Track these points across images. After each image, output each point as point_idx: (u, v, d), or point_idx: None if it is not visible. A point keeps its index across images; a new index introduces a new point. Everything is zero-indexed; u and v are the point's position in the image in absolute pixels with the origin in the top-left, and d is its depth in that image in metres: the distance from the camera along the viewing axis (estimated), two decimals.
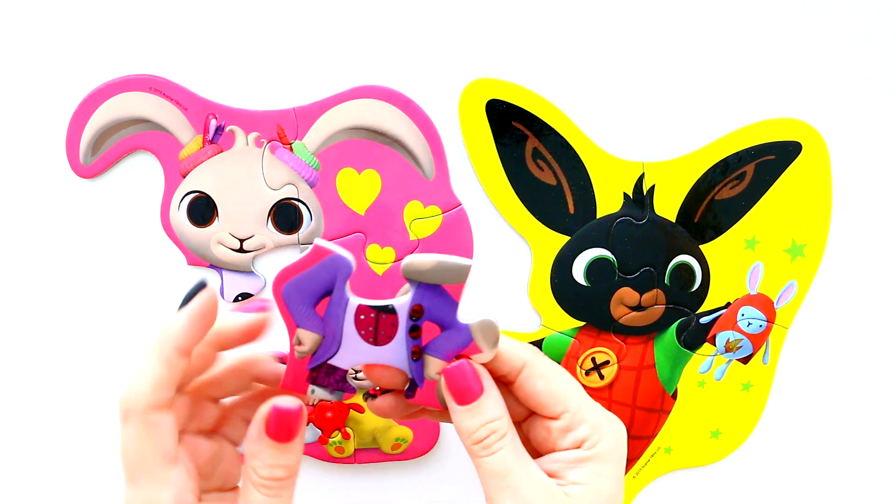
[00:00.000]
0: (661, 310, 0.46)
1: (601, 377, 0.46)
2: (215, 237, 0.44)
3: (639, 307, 0.45)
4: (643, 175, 0.44)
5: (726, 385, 0.47)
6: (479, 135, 0.44)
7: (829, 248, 0.46)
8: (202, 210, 0.44)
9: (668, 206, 0.44)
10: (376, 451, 0.47)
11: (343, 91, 0.43)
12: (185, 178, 0.43)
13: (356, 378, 0.44)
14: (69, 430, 0.47)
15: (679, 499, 0.49)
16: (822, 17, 0.43)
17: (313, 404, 0.45)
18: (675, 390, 0.47)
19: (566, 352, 0.46)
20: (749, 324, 0.46)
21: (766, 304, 0.46)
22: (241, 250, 0.44)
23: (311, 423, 0.45)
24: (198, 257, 0.44)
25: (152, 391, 0.29)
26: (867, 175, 0.45)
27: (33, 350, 0.46)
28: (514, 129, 0.43)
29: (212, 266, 0.44)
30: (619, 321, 0.46)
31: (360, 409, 0.46)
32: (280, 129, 0.43)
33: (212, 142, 0.43)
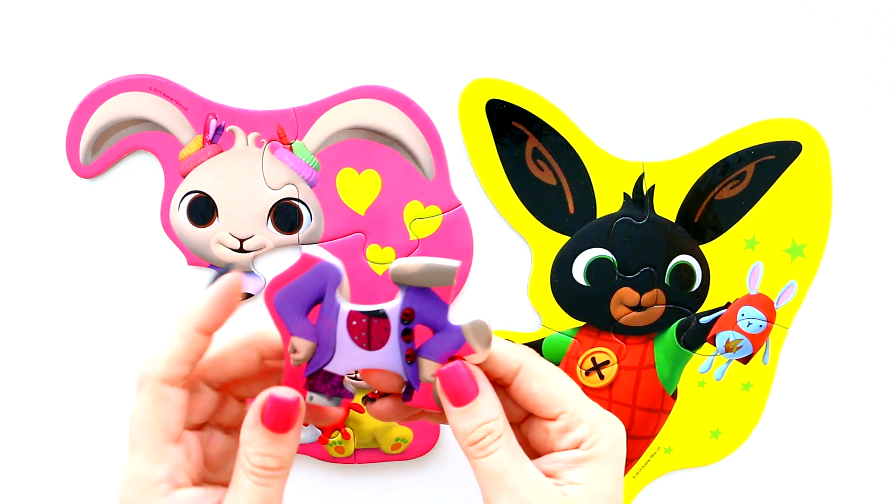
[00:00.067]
0: (661, 310, 0.46)
1: (601, 377, 0.46)
2: (215, 237, 0.44)
3: (639, 307, 0.45)
4: (643, 175, 0.44)
5: (726, 385, 0.47)
6: (479, 135, 0.44)
7: (829, 248, 0.46)
8: (202, 210, 0.44)
9: (668, 206, 0.44)
10: (376, 451, 0.47)
11: (343, 91, 0.43)
12: (185, 178, 0.43)
13: (355, 378, 0.45)
14: (69, 429, 0.47)
15: (679, 499, 0.49)
16: (822, 17, 0.43)
17: None
18: (675, 390, 0.47)
19: (566, 352, 0.46)
20: (749, 324, 0.46)
21: (766, 304, 0.46)
22: (241, 250, 0.44)
23: (311, 423, 0.45)
24: (198, 257, 0.44)
25: (167, 364, 0.30)
26: (867, 175, 0.45)
27: (34, 350, 0.46)
28: (514, 129, 0.43)
29: (212, 266, 0.44)
30: (619, 321, 0.46)
31: (360, 409, 0.46)
32: (280, 129, 0.43)
33: (212, 142, 0.43)
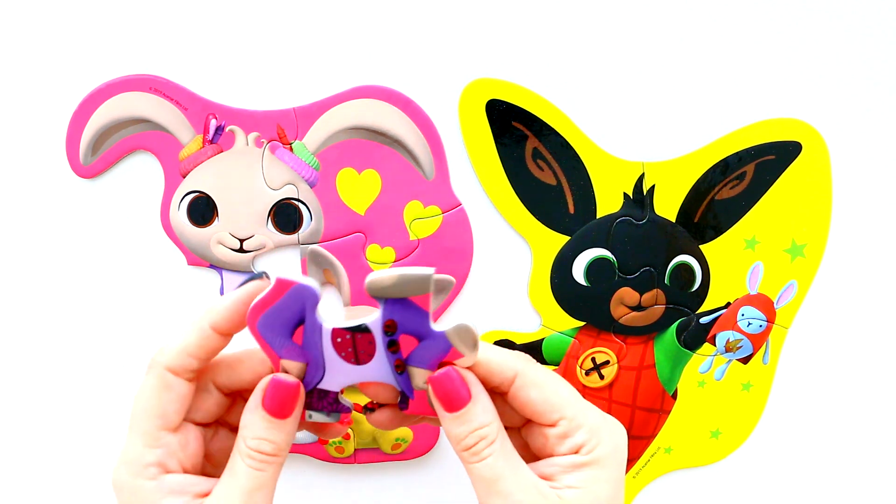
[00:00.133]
0: (661, 310, 0.46)
1: (601, 377, 0.46)
2: (215, 237, 0.44)
3: (639, 307, 0.45)
4: (643, 175, 0.44)
5: (726, 385, 0.47)
6: (479, 135, 0.44)
7: (829, 248, 0.46)
8: (202, 210, 0.44)
9: (668, 206, 0.44)
10: (376, 451, 0.47)
11: (343, 91, 0.43)
12: (185, 178, 0.43)
13: None
14: (70, 430, 0.47)
15: (679, 499, 0.49)
16: (822, 17, 0.43)
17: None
18: (675, 390, 0.47)
19: (566, 352, 0.46)
20: (749, 324, 0.46)
21: (766, 304, 0.46)
22: (241, 250, 0.44)
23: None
24: (198, 257, 0.44)
25: (175, 354, 0.31)
26: (867, 175, 0.45)
27: (34, 350, 0.46)
28: (514, 129, 0.43)
29: (212, 266, 0.44)
30: (619, 321, 0.46)
31: (359, 409, 0.46)
32: (280, 129, 0.43)
33: (212, 142, 0.43)
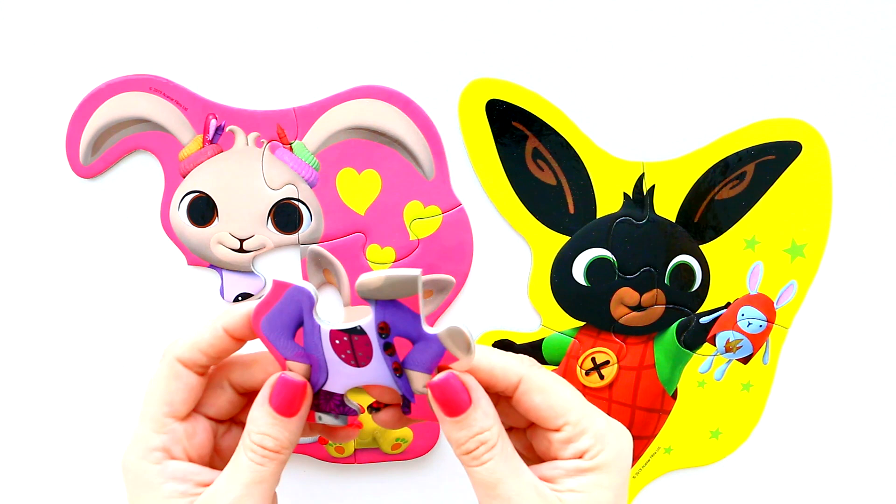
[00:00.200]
0: (661, 310, 0.46)
1: (601, 377, 0.46)
2: (215, 237, 0.44)
3: (639, 307, 0.45)
4: (643, 175, 0.44)
5: (726, 385, 0.47)
6: (479, 135, 0.44)
7: (829, 248, 0.46)
8: (202, 210, 0.44)
9: (668, 206, 0.44)
10: (376, 451, 0.47)
11: (343, 91, 0.43)
12: (185, 178, 0.43)
13: None
14: (70, 430, 0.47)
15: (679, 499, 0.49)
16: (822, 17, 0.43)
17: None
18: (675, 390, 0.47)
19: (566, 352, 0.46)
20: (749, 324, 0.46)
21: (766, 304, 0.46)
22: (241, 250, 0.44)
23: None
24: (198, 257, 0.44)
25: (186, 347, 0.32)
26: (867, 175, 0.45)
27: (33, 350, 0.46)
28: (514, 129, 0.43)
29: (212, 266, 0.44)
30: (619, 321, 0.46)
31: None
32: (280, 129, 0.43)
33: (212, 142, 0.43)
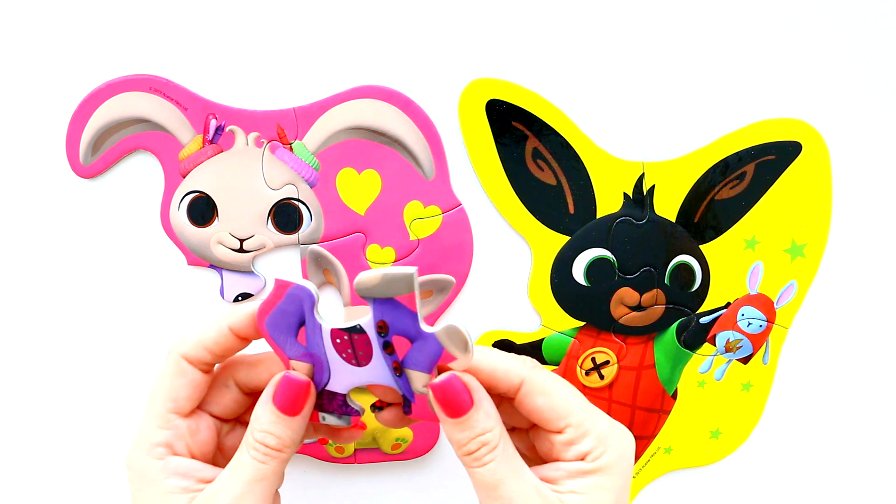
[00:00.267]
0: (661, 310, 0.46)
1: (601, 377, 0.46)
2: (215, 237, 0.44)
3: (639, 307, 0.45)
4: (643, 175, 0.44)
5: (726, 385, 0.47)
6: (479, 135, 0.44)
7: (829, 248, 0.46)
8: (202, 210, 0.44)
9: (668, 206, 0.44)
10: (376, 451, 0.47)
11: (343, 91, 0.43)
12: (185, 178, 0.43)
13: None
14: (71, 429, 0.47)
15: (679, 499, 0.49)
16: (822, 17, 0.43)
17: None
18: (675, 390, 0.47)
19: (566, 352, 0.46)
20: (749, 324, 0.46)
21: (766, 304, 0.46)
22: (241, 250, 0.44)
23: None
24: (198, 257, 0.44)
25: (192, 345, 0.32)
26: (867, 175, 0.45)
27: (33, 350, 0.46)
28: (514, 129, 0.43)
29: (212, 266, 0.44)
30: (619, 321, 0.46)
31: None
32: (280, 129, 0.43)
33: (212, 142, 0.43)
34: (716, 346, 0.46)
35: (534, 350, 0.46)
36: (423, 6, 0.42)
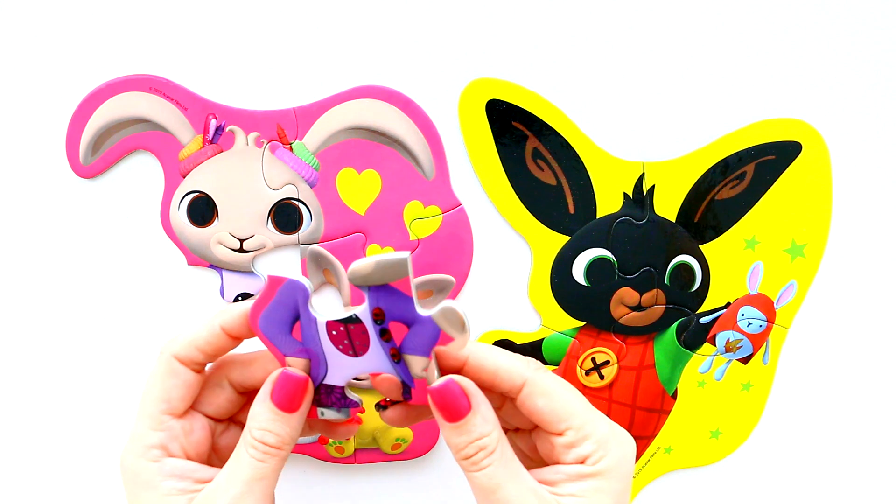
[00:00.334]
0: (661, 310, 0.46)
1: (601, 377, 0.46)
2: (215, 237, 0.44)
3: (639, 307, 0.45)
4: (643, 175, 0.44)
5: (726, 385, 0.47)
6: (479, 135, 0.44)
7: (829, 248, 0.46)
8: (202, 210, 0.44)
9: (668, 206, 0.44)
10: (376, 451, 0.47)
11: (343, 91, 0.43)
12: (185, 178, 0.43)
13: (356, 378, 0.44)
14: (70, 429, 0.47)
15: (679, 499, 0.49)
16: (822, 17, 0.43)
17: None
18: (675, 390, 0.47)
19: (566, 352, 0.46)
20: (749, 324, 0.46)
21: (766, 304, 0.46)
22: (241, 250, 0.44)
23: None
24: (198, 257, 0.44)
25: (184, 345, 0.32)
26: (867, 175, 0.45)
27: (33, 350, 0.46)
28: (514, 129, 0.43)
29: (212, 266, 0.44)
30: (619, 321, 0.46)
31: (360, 409, 0.46)
32: (280, 129, 0.43)
33: (212, 142, 0.43)
34: (716, 346, 0.46)
35: (534, 350, 0.46)
36: (423, 6, 0.42)
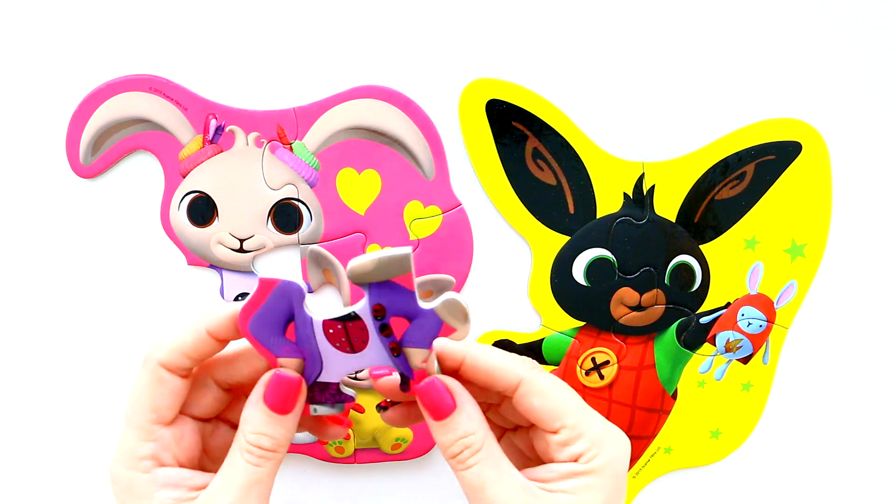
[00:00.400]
0: (661, 310, 0.46)
1: (601, 377, 0.46)
2: (215, 237, 0.44)
3: (639, 307, 0.45)
4: (643, 175, 0.44)
5: (726, 385, 0.47)
6: (479, 135, 0.44)
7: (829, 248, 0.46)
8: (202, 210, 0.44)
9: (668, 206, 0.44)
10: (376, 451, 0.47)
11: (343, 91, 0.43)
12: (185, 178, 0.43)
13: (356, 378, 0.45)
14: (69, 430, 0.47)
15: (679, 499, 0.49)
16: (823, 17, 0.43)
17: None
18: (675, 390, 0.47)
19: (566, 352, 0.46)
20: (749, 324, 0.46)
21: (766, 304, 0.46)
22: (241, 250, 0.44)
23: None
24: (198, 257, 0.44)
25: (169, 351, 0.31)
26: (867, 175, 0.45)
27: (33, 350, 0.46)
28: (514, 129, 0.43)
29: (212, 266, 0.44)
30: (619, 321, 0.46)
31: (360, 409, 0.46)
32: (280, 129, 0.43)
33: (212, 142, 0.43)
34: (716, 346, 0.46)
35: (534, 350, 0.46)
36: (423, 6, 0.42)
